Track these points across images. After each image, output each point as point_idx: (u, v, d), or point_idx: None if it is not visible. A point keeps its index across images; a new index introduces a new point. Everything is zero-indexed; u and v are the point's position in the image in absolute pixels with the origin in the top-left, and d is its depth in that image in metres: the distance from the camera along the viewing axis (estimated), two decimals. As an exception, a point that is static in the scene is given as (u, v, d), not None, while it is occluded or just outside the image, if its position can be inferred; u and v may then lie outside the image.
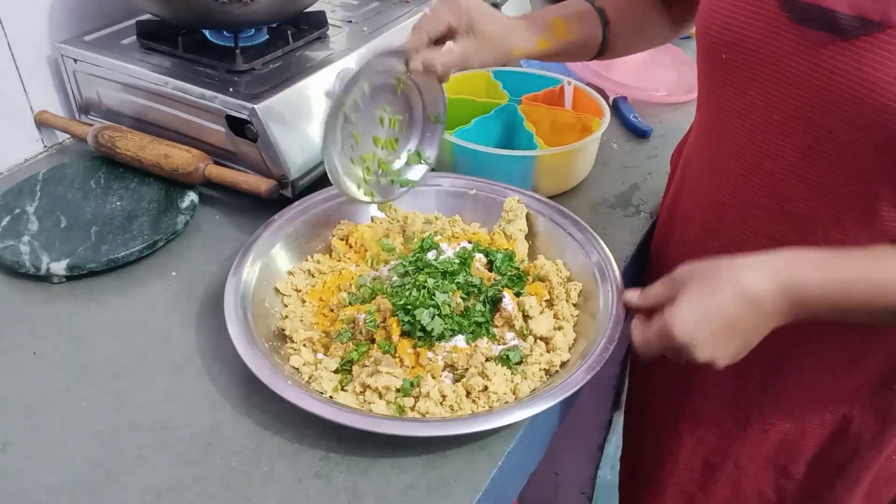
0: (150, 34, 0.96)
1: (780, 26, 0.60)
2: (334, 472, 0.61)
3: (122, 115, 0.97)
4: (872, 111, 0.56)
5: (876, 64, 0.54)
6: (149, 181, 0.91)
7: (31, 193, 0.88)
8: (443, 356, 0.68)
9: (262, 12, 0.90)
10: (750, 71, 0.64)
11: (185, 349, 0.72)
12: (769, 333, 0.61)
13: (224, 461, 0.62)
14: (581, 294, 0.77)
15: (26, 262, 0.78)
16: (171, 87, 0.89)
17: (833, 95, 0.58)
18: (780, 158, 0.65)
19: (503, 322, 0.72)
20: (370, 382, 0.64)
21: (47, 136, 1.01)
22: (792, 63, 0.60)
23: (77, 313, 0.76)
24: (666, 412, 0.91)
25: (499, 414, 0.62)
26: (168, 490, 0.59)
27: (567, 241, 0.81)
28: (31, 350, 0.71)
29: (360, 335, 0.70)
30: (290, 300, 0.76)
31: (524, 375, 0.68)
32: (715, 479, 0.89)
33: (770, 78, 0.62)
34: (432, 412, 0.64)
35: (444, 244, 0.80)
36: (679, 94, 1.20)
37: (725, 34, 0.64)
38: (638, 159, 1.05)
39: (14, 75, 0.95)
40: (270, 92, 0.86)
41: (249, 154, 0.89)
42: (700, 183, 0.77)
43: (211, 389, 0.68)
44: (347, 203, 0.85)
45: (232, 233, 0.87)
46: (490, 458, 0.63)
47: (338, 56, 0.95)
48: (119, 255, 0.80)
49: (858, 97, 0.56)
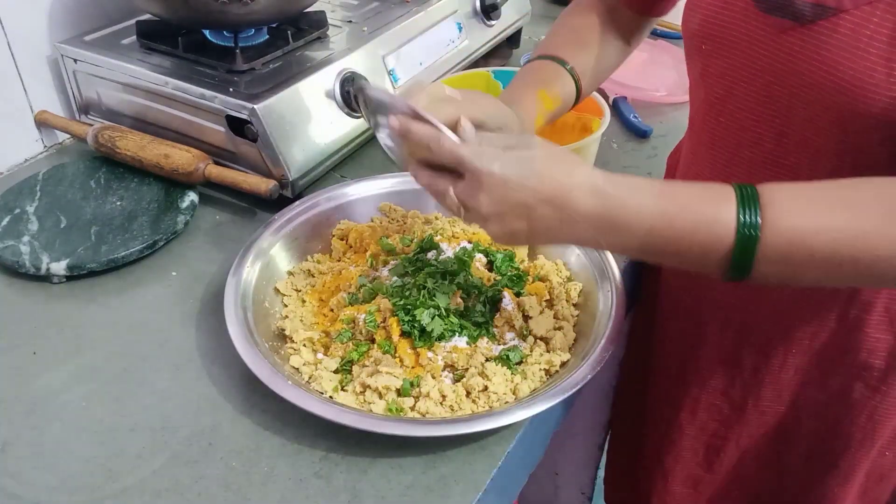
0: (150, 34, 0.96)
1: (748, 15, 0.63)
2: (334, 472, 0.61)
3: (122, 115, 0.97)
4: (829, 91, 0.58)
5: (831, 47, 0.57)
6: (149, 181, 0.91)
7: (31, 193, 0.88)
8: (443, 356, 0.68)
9: (262, 12, 0.90)
10: (725, 60, 0.67)
11: (184, 349, 0.72)
12: (755, 320, 0.60)
13: (224, 461, 0.62)
14: (581, 294, 0.77)
15: (26, 262, 0.78)
16: (171, 87, 0.89)
17: (796, 79, 0.61)
18: (756, 146, 0.67)
19: (503, 322, 0.72)
20: (370, 382, 0.64)
21: (47, 136, 1.01)
22: (761, 50, 0.63)
23: (77, 313, 0.76)
24: (664, 403, 0.92)
25: (499, 414, 0.62)
26: (168, 490, 0.59)
27: (567, 241, 0.81)
28: (31, 350, 0.71)
29: (360, 335, 0.70)
30: (290, 300, 0.76)
31: (524, 375, 0.68)
32: (719, 461, 0.90)
33: (743, 66, 0.65)
34: (432, 412, 0.64)
35: (443, 244, 0.80)
36: (679, 93, 1.20)
37: (704, 27, 0.67)
38: (638, 159, 1.05)
39: (14, 75, 0.95)
40: (270, 92, 0.86)
41: (249, 154, 0.89)
42: (686, 175, 0.78)
43: (211, 389, 0.68)
44: (347, 203, 0.85)
45: (232, 233, 0.87)
46: (490, 458, 0.63)
47: (338, 56, 0.95)
48: (119, 255, 0.80)
49: (817, 79, 0.59)
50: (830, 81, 0.58)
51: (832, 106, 0.59)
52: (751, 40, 0.63)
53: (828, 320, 0.73)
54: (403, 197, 0.87)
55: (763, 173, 0.68)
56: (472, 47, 1.16)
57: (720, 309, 0.80)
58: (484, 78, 1.06)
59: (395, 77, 1.02)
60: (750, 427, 0.85)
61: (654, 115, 1.15)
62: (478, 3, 1.18)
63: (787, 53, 0.60)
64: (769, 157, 0.67)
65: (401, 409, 0.64)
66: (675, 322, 0.88)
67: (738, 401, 0.84)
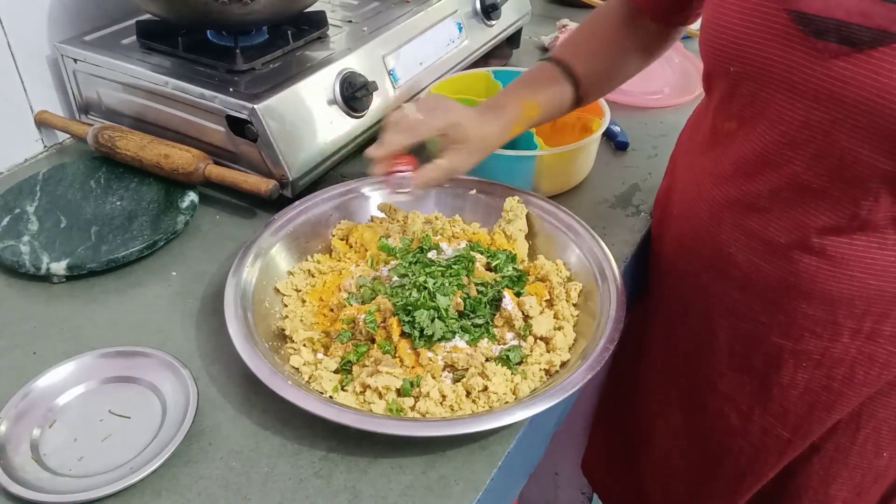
0: (150, 34, 0.96)
1: (790, 39, 0.61)
2: (334, 472, 0.61)
3: (122, 115, 0.97)
4: (885, 118, 0.57)
5: (892, 73, 0.56)
6: (149, 181, 0.91)
7: (31, 193, 0.88)
8: (443, 356, 0.68)
9: (263, 12, 0.90)
10: (758, 83, 0.65)
11: (185, 349, 0.72)
12: (764, 329, 0.61)
13: (224, 461, 0.62)
14: (581, 294, 0.77)
15: (26, 262, 0.78)
16: (171, 87, 0.89)
17: (843, 105, 0.59)
18: (783, 167, 0.66)
19: (503, 322, 0.72)
20: (370, 382, 0.64)
21: (47, 136, 1.01)
22: (802, 74, 0.61)
23: (77, 313, 0.76)
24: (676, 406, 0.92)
25: (499, 414, 0.62)
26: (168, 490, 0.59)
27: (567, 241, 0.81)
28: (31, 350, 0.71)
29: (360, 335, 0.70)
30: (290, 300, 0.76)
31: (524, 375, 0.68)
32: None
33: (778, 89, 0.63)
34: (432, 412, 0.64)
35: (443, 244, 0.80)
36: (680, 94, 1.20)
37: (733, 47, 0.65)
38: (638, 159, 1.05)
39: (14, 75, 0.95)
40: (270, 92, 0.86)
41: (249, 154, 0.89)
42: (702, 186, 0.77)
43: (211, 389, 0.68)
44: (347, 203, 0.85)
45: (232, 233, 0.87)
46: (490, 458, 0.63)
47: (338, 56, 0.95)
48: (119, 255, 0.80)
49: (873, 106, 0.57)
50: (890, 108, 0.56)
51: (887, 133, 0.57)
52: (791, 64, 0.61)
53: (841, 333, 0.72)
54: (403, 197, 0.87)
55: (789, 194, 0.67)
56: (472, 47, 1.16)
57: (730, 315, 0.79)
58: (484, 78, 1.06)
59: (395, 77, 1.02)
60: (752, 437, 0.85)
61: (655, 115, 1.15)
62: (478, 3, 1.18)
63: (837, 79, 0.58)
64: (796, 180, 0.65)
65: (401, 409, 0.64)
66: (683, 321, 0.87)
67: (745, 411, 0.83)
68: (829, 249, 0.67)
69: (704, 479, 0.93)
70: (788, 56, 0.61)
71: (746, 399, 0.82)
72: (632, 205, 0.95)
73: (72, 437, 0.63)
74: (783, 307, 0.73)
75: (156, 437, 0.62)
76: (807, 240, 0.67)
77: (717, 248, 0.75)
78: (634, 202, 0.95)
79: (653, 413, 0.97)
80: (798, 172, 0.65)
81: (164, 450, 0.60)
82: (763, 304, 0.74)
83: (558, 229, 0.82)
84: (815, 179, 0.64)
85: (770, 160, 0.67)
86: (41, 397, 0.65)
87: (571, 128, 1.00)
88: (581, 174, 0.97)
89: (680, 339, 0.88)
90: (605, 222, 0.90)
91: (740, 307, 0.77)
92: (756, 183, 0.69)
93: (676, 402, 0.92)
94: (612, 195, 0.96)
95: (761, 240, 0.71)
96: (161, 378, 0.67)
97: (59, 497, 0.57)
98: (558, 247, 0.82)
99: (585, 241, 0.80)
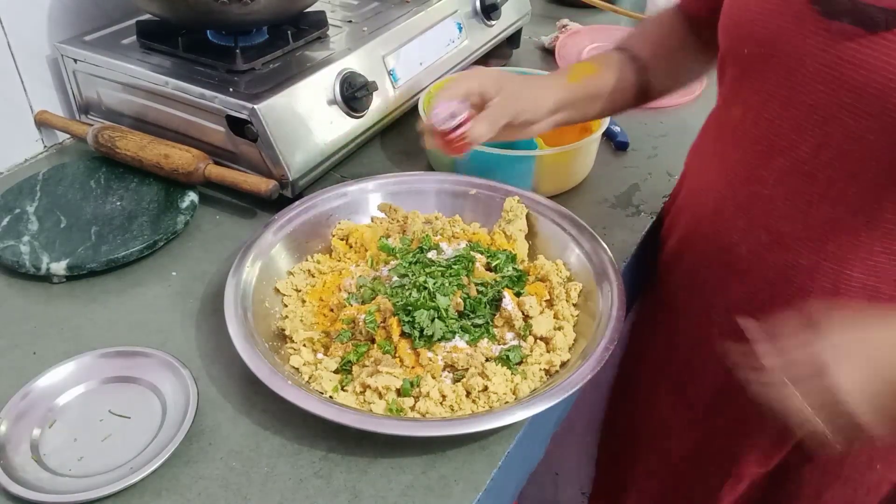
0: (150, 34, 0.96)
1: (804, 20, 0.60)
2: (334, 472, 0.61)
3: (122, 115, 0.97)
4: (894, 102, 0.56)
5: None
6: (149, 181, 0.91)
7: (31, 193, 0.88)
8: (443, 356, 0.68)
9: (263, 12, 0.90)
10: (769, 65, 0.64)
11: (185, 349, 0.72)
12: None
13: (224, 461, 0.62)
14: (581, 294, 0.77)
15: (26, 262, 0.78)
16: (171, 87, 0.89)
17: (855, 89, 0.58)
18: (790, 154, 0.65)
19: (503, 322, 0.72)
20: (370, 382, 0.64)
21: (47, 136, 1.01)
22: (814, 57, 0.60)
23: (77, 313, 0.76)
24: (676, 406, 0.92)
25: (499, 414, 0.62)
26: (168, 490, 0.59)
27: (567, 241, 0.81)
28: (31, 350, 0.71)
29: (360, 335, 0.70)
30: (290, 300, 0.76)
31: (524, 375, 0.68)
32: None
33: (790, 72, 0.63)
34: (432, 412, 0.64)
35: (443, 244, 0.80)
36: (680, 94, 1.19)
37: (748, 27, 0.65)
38: (638, 159, 1.05)
39: (14, 75, 0.95)
40: (270, 92, 0.86)
41: (249, 154, 0.89)
42: (708, 177, 0.77)
43: (211, 389, 0.68)
44: (347, 203, 0.85)
45: (232, 233, 0.87)
46: (490, 458, 0.63)
47: (338, 56, 0.95)
48: (119, 255, 0.80)
49: (883, 89, 0.56)
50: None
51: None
52: (804, 46, 0.61)
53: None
54: (403, 197, 0.87)
55: (794, 181, 0.66)
56: (472, 47, 1.16)
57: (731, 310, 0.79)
58: (484, 78, 1.06)
59: (395, 77, 1.02)
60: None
61: (655, 115, 1.15)
62: (478, 3, 1.18)
63: (848, 62, 0.58)
64: (803, 168, 0.65)
65: (401, 409, 0.64)
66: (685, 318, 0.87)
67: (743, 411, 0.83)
68: (832, 245, 0.66)
69: (705, 479, 0.93)
70: (802, 38, 0.61)
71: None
72: (632, 205, 0.95)
73: (72, 437, 0.63)
74: (784, 302, 0.73)
75: (156, 437, 0.62)
76: (810, 232, 0.67)
77: (721, 238, 0.75)
78: (634, 202, 0.95)
79: (653, 413, 0.97)
80: (803, 159, 0.64)
81: (164, 450, 0.60)
82: (764, 298, 0.74)
83: (558, 229, 0.82)
84: (821, 169, 0.64)
85: (775, 146, 0.66)
86: (41, 397, 0.65)
87: (571, 128, 1.00)
88: (581, 174, 0.97)
89: (681, 337, 0.88)
90: (605, 222, 0.90)
91: (742, 302, 0.77)
92: (761, 169, 0.69)
93: (676, 401, 0.92)
94: (612, 195, 0.96)
95: (765, 229, 0.70)
96: (161, 378, 0.67)
97: (59, 497, 0.57)
98: (558, 247, 0.82)
99: (585, 241, 0.80)
